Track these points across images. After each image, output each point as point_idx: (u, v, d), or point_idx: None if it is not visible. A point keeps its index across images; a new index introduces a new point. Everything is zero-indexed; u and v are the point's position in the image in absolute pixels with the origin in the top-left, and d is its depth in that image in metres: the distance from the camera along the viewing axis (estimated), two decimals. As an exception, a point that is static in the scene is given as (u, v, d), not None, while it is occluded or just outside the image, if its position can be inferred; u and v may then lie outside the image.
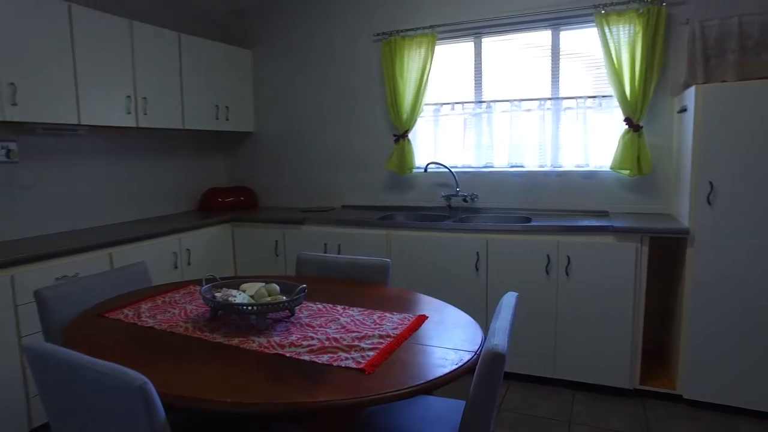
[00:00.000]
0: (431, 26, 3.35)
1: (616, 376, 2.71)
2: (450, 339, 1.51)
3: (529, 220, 3.05)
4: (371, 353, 1.39)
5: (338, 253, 3.23)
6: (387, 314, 1.72)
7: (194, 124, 3.52)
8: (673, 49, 2.94)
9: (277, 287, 1.76)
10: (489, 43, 3.39)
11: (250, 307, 1.58)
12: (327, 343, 1.46)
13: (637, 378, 2.70)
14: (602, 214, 3.13)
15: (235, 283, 1.84)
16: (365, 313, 1.74)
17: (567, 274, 2.75)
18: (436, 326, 1.62)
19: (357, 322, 1.64)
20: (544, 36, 3.26)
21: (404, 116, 3.45)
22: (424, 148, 3.61)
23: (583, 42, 3.18)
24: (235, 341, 1.49)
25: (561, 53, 3.23)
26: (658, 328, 3.10)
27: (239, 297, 1.66)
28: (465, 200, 3.47)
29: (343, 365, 1.32)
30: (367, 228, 3.18)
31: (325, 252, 3.27)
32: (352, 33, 3.70)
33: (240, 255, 3.59)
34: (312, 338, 1.50)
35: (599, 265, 2.68)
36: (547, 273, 2.79)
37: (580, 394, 2.75)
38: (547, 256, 2.78)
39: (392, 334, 1.53)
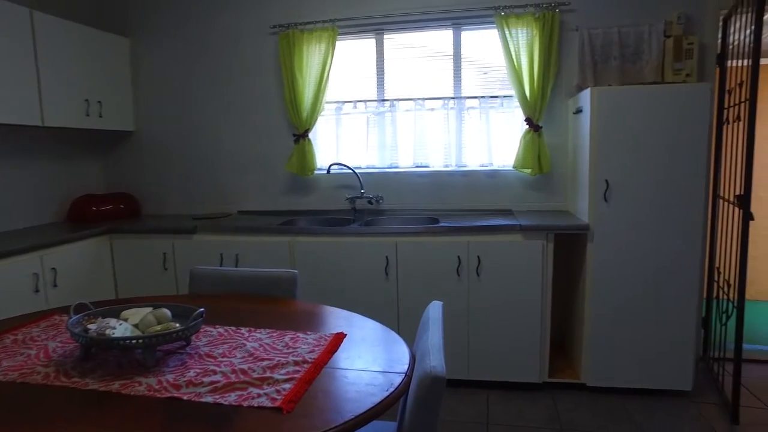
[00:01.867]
0: (332, 20, 3.18)
1: (527, 372, 2.76)
2: (375, 359, 1.36)
3: (436, 220, 3.01)
4: (287, 386, 1.19)
5: (236, 265, 2.94)
6: (300, 335, 1.52)
7: (57, 120, 2.99)
8: (566, 53, 3.07)
9: (168, 312, 1.48)
10: (391, 40, 3.30)
11: (134, 341, 1.29)
12: (234, 378, 1.23)
13: (546, 371, 2.76)
14: (507, 212, 3.19)
15: (115, 310, 1.53)
16: (275, 335, 1.52)
17: (478, 274, 2.74)
18: (357, 345, 1.46)
19: (267, 347, 1.43)
20: (446, 35, 3.25)
21: (304, 114, 3.24)
22: (326, 148, 3.43)
23: (484, 42, 3.22)
24: (115, 386, 1.21)
25: (463, 53, 3.24)
26: (562, 321, 3.22)
27: (120, 328, 1.35)
28: (370, 202, 3.35)
29: (256, 404, 1.11)
30: (267, 235, 2.92)
31: (222, 264, 2.95)
32: (247, 24, 3.41)
33: (121, 272, 3.13)
34: (215, 372, 1.27)
35: (508, 263, 2.71)
36: (458, 274, 2.76)
37: (494, 393, 2.76)
38: (458, 257, 2.74)
39: (309, 359, 1.34)
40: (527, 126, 3.05)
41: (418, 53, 3.31)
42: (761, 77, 2.92)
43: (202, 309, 1.42)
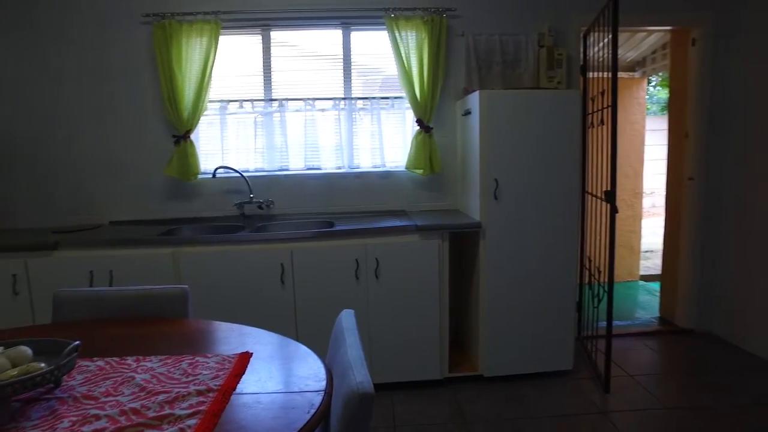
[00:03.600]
0: (214, 12, 2.94)
1: (429, 369, 2.80)
2: (289, 378, 1.25)
3: (331, 224, 2.94)
4: (193, 421, 1.04)
5: (111, 283, 2.59)
6: (200, 359, 1.36)
7: None
8: (453, 57, 3.18)
9: (28, 350, 1.22)
10: (279, 37, 3.16)
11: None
12: (124, 421, 1.05)
13: (447, 367, 2.84)
14: (400, 213, 3.22)
15: (-48, 352, 1.22)
16: (169, 362, 1.34)
17: (377, 276, 2.72)
18: (266, 364, 1.34)
19: (161, 378, 1.24)
20: (335, 35, 3.19)
21: (185, 114, 2.96)
22: (210, 150, 3.17)
23: (374, 43, 3.22)
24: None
25: (353, 53, 3.21)
26: (459, 316, 3.33)
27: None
28: (260, 207, 3.17)
29: (156, 450, 0.95)
30: (147, 247, 2.62)
31: (92, 284, 2.58)
32: (113, 10, 3.02)
33: (-46, 300, 2.58)
34: (98, 418, 1.06)
35: (406, 264, 2.72)
36: (357, 278, 2.71)
37: (398, 394, 2.76)
38: (356, 260, 2.70)
39: (214, 387, 1.19)
40: (418, 127, 3.11)
41: (307, 52, 3.21)
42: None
43: (77, 342, 1.19)
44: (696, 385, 2.82)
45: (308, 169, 3.24)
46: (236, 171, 3.08)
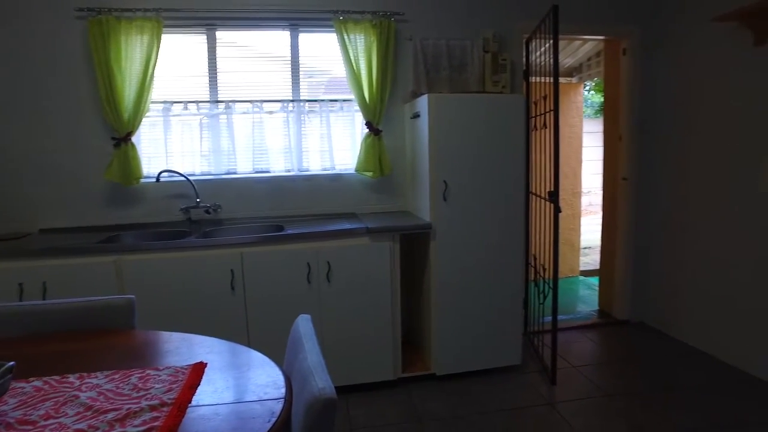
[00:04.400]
0: (156, 9, 2.82)
1: (382, 370, 2.82)
2: (246, 387, 1.23)
3: (281, 228, 2.90)
4: (147, 438, 1.00)
5: (44, 296, 2.43)
6: (150, 372, 1.30)
7: None
8: (402, 60, 3.21)
9: (-42, 371, 1.13)
10: (225, 37, 3.08)
11: None
12: (70, 442, 0.99)
13: (400, 367, 2.87)
14: (351, 215, 3.22)
15: None
16: (117, 377, 1.28)
17: (328, 280, 2.71)
18: (223, 373, 1.31)
19: (109, 395, 1.18)
20: (283, 36, 3.15)
21: (125, 115, 2.83)
22: (153, 153, 3.05)
23: (323, 45, 3.20)
24: None
25: (302, 55, 3.18)
26: (411, 316, 3.37)
27: None
28: (207, 212, 3.08)
29: (108, 471, 0.90)
30: (85, 256, 2.48)
31: (22, 297, 2.41)
32: (42, 2, 2.83)
33: None
34: (41, 440, 1.00)
35: (358, 266, 2.73)
36: (309, 281, 2.69)
37: (353, 397, 2.76)
38: (308, 264, 2.68)
39: (168, 401, 1.15)
40: (368, 130, 3.12)
41: (255, 53, 3.15)
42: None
43: (11, 363, 1.12)
44: (632, 372, 3.00)
45: (256, 172, 3.18)
46: (181, 175, 2.98)
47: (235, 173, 3.16)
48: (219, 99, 3.09)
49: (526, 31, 3.31)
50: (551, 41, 2.67)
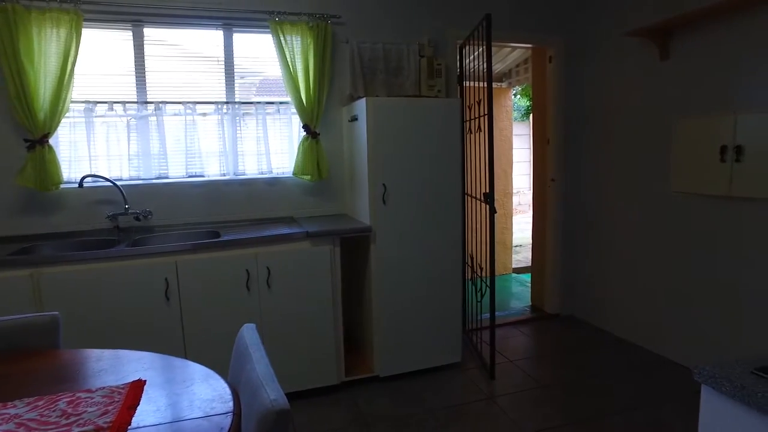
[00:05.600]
0: (73, 1, 2.63)
1: (326, 375, 2.80)
2: (191, 403, 1.18)
3: (218, 234, 2.80)
4: (83, 467, 0.93)
5: (-51, 314, 2.19)
6: (81, 395, 1.22)
7: None
8: (339, 63, 3.21)
9: None
10: (153, 35, 2.93)
11: None
12: (-7, 478, 0.90)
13: (343, 371, 2.86)
14: (289, 220, 3.17)
15: None
16: (41, 403, 1.18)
17: (269, 286, 2.65)
18: (164, 390, 1.24)
19: (31, 426, 1.09)
20: (216, 36, 3.04)
21: (41, 115, 2.61)
22: (75, 157, 2.83)
23: (259, 47, 3.13)
24: None
25: (236, 56, 3.09)
26: (352, 319, 3.37)
27: None
28: (137, 218, 2.92)
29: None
30: (-4, 270, 2.26)
31: (-77, 316, 2.16)
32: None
33: None
34: (-42, 478, 0.90)
35: (298, 271, 2.69)
36: (248, 288, 2.62)
37: (297, 404, 2.72)
38: (247, 270, 2.61)
39: (104, 425, 1.08)
40: (305, 133, 3.09)
41: (187, 53, 3.02)
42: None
43: None
44: (563, 363, 3.17)
45: (190, 176, 3.05)
46: (107, 179, 2.80)
47: (166, 177, 3.01)
48: (148, 100, 2.94)
49: (459, 37, 3.41)
50: (484, 47, 2.77)
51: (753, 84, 2.61)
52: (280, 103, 3.17)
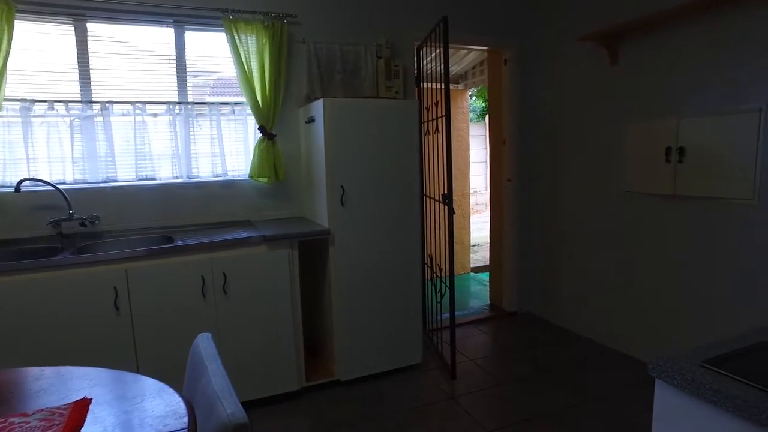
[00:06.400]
0: (7, -6, 2.47)
1: (286, 381, 2.74)
2: (142, 421, 1.11)
3: (171, 239, 2.70)
4: (21, 496, 0.86)
5: None
6: (15, 419, 1.13)
7: None
8: (295, 64, 3.15)
9: None
10: (98, 30, 2.79)
11: None
12: None
13: (304, 377, 2.81)
14: (246, 223, 3.09)
15: None
16: (-24, 426, 1.09)
17: (225, 292, 2.57)
18: (112, 408, 1.17)
19: (-34, 449, 1.01)
20: (167, 33, 2.93)
21: (-28, 116, 2.44)
22: (10, 159, 2.66)
23: (212, 46, 3.03)
24: None
25: (189, 55, 2.98)
26: (313, 324, 3.31)
27: None
28: (83, 224, 2.77)
29: None
30: (-77, 283, 2.09)
31: None
32: None
33: None
34: None
35: (256, 276, 2.63)
36: (204, 295, 2.53)
37: (256, 411, 2.65)
38: (202, 276, 2.52)
39: (46, 447, 1.00)
40: (261, 134, 3.02)
41: (135, 50, 2.89)
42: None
43: None
44: (522, 360, 3.24)
45: (140, 179, 2.92)
46: (49, 183, 2.64)
47: (115, 181, 2.87)
48: (93, 99, 2.79)
49: (417, 39, 3.43)
50: (441, 49, 2.79)
51: (692, 89, 2.74)
52: (235, 103, 3.08)
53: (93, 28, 2.78)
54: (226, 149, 3.08)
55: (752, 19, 2.46)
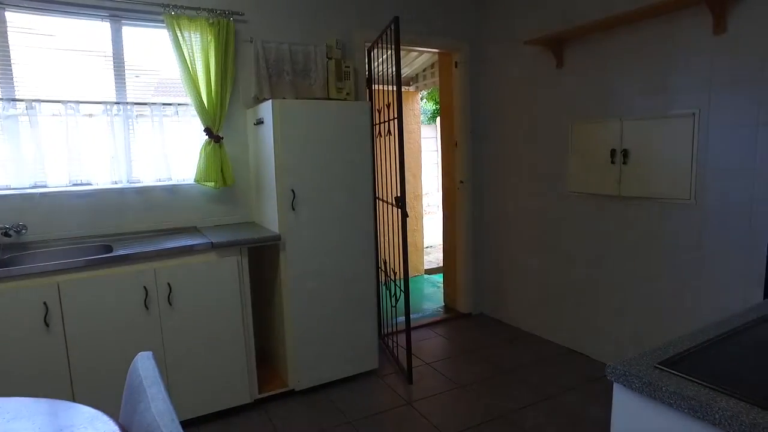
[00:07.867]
0: None
1: (237, 394, 2.62)
2: (72, 455, 1.00)
3: (110, 248, 2.53)
4: None
5: None
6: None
7: None
8: (242, 63, 3.03)
9: None
10: (19, 21, 2.57)
11: None
12: None
13: (256, 388, 2.70)
14: (192, 230, 2.95)
15: None
16: None
17: (170, 303, 2.43)
18: (37, 442, 1.05)
19: None
20: (102, 28, 2.74)
21: None
22: None
23: (154, 43, 2.87)
24: None
25: (128, 52, 2.81)
26: (265, 333, 3.20)
27: None
28: (7, 234, 2.54)
29: None
30: None
31: None
32: None
33: None
34: None
35: (203, 285, 2.50)
36: (147, 307, 2.38)
37: (207, 427, 2.52)
38: (144, 287, 2.37)
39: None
40: (207, 136, 2.89)
41: (64, 45, 2.69)
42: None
43: None
44: (477, 361, 3.26)
45: (74, 185, 2.72)
46: (-34, 190, 2.41)
47: (44, 186, 2.66)
48: (17, 97, 2.57)
49: (368, 40, 3.38)
50: (393, 50, 2.76)
51: (633, 93, 2.85)
52: (179, 104, 2.93)
53: (11, 17, 2.55)
54: (170, 152, 2.93)
55: (683, 29, 2.58)
